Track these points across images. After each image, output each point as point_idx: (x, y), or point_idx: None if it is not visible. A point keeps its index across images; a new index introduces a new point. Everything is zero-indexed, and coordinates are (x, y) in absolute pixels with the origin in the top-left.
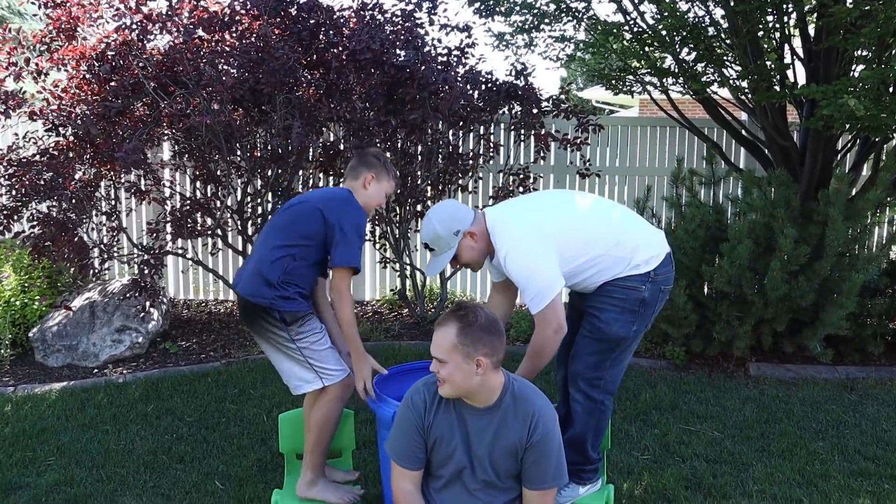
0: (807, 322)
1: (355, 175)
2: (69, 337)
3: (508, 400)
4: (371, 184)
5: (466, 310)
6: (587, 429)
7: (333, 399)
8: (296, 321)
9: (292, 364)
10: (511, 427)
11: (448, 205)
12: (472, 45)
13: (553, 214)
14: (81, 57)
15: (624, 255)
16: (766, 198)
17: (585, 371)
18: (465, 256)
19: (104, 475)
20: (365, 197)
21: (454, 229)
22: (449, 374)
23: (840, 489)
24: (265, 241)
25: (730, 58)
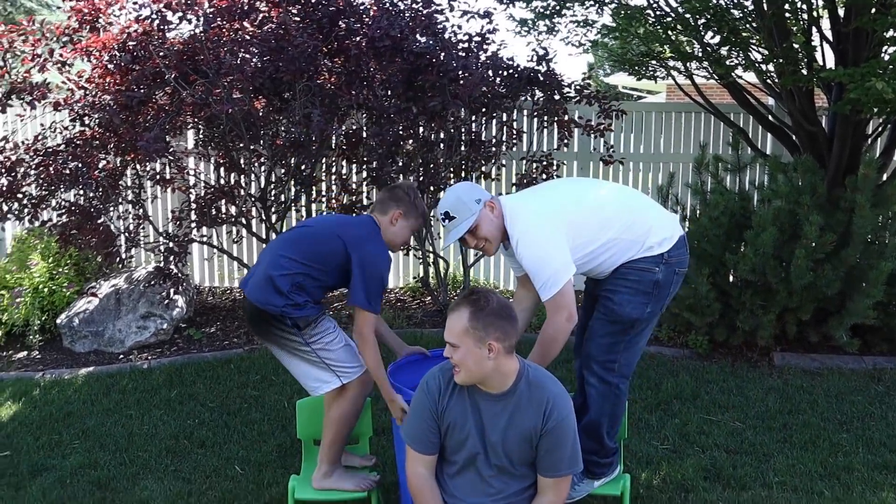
0: (833, 311)
1: (384, 209)
2: (96, 323)
3: (523, 386)
4: (399, 220)
5: (479, 294)
6: (602, 414)
7: (353, 396)
8: (308, 325)
9: (309, 366)
10: (525, 413)
11: (468, 182)
12: (493, 30)
13: (565, 201)
14: (104, 47)
15: (637, 238)
16: (791, 184)
17: (599, 354)
18: (484, 228)
19: (127, 458)
20: (391, 234)
21: (476, 197)
22: (461, 358)
23: (863, 482)
24: (275, 251)
25: (755, 41)
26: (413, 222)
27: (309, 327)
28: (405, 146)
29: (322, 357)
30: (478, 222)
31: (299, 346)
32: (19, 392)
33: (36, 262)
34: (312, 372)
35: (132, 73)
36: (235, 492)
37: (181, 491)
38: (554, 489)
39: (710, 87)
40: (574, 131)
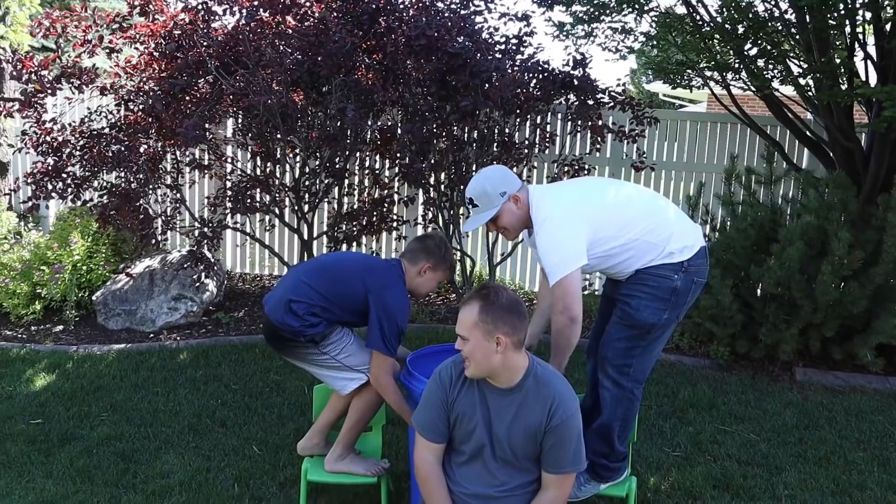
0: (858, 329)
1: (413, 260)
2: (129, 302)
3: (531, 383)
4: (426, 273)
5: (489, 289)
6: (615, 417)
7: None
8: (324, 338)
9: (331, 371)
10: (531, 409)
11: (499, 168)
12: (530, 33)
13: (591, 195)
14: (151, 34)
15: (657, 242)
16: (822, 200)
17: (615, 358)
18: (505, 219)
19: (151, 433)
20: (417, 284)
21: (501, 190)
22: (470, 350)
23: (875, 501)
24: (298, 275)
25: (794, 53)
26: (441, 275)
27: (324, 339)
28: (437, 144)
29: (342, 362)
30: (499, 214)
31: (318, 357)
32: (54, 364)
33: (76, 241)
34: (337, 375)
35: (176, 61)
36: (252, 471)
37: (200, 467)
38: (557, 485)
39: (748, 98)
40: (607, 137)
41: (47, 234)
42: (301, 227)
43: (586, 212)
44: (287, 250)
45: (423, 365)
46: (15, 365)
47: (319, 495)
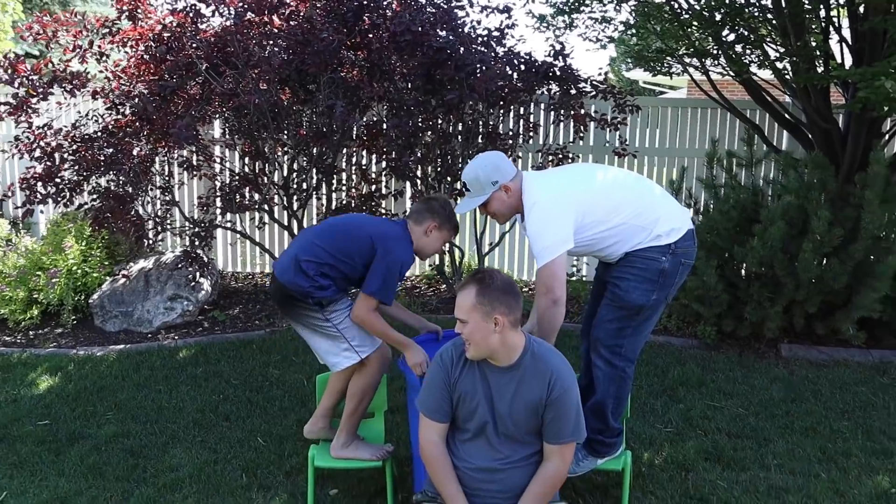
0: (840, 305)
1: (419, 220)
2: (125, 304)
3: (528, 360)
4: (433, 232)
5: (484, 273)
6: (608, 395)
7: (373, 370)
8: (331, 303)
9: (330, 342)
10: (531, 385)
11: (496, 156)
12: (511, 25)
13: (580, 181)
14: (140, 38)
15: (645, 225)
16: (801, 180)
17: (607, 338)
18: (493, 206)
19: (157, 429)
20: (423, 243)
21: (493, 179)
22: (470, 332)
23: (860, 466)
24: (309, 237)
25: (770, 38)
26: (446, 234)
27: (331, 305)
28: (424, 137)
29: (341, 331)
30: (489, 200)
31: (321, 322)
32: (55, 367)
33: (70, 245)
34: (333, 348)
35: (166, 63)
36: (258, 461)
37: (208, 459)
38: (559, 455)
39: (728, 83)
40: (589, 125)
41: (39, 240)
42: (291, 224)
43: (575, 197)
44: (278, 247)
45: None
46: (17, 369)
47: (326, 481)
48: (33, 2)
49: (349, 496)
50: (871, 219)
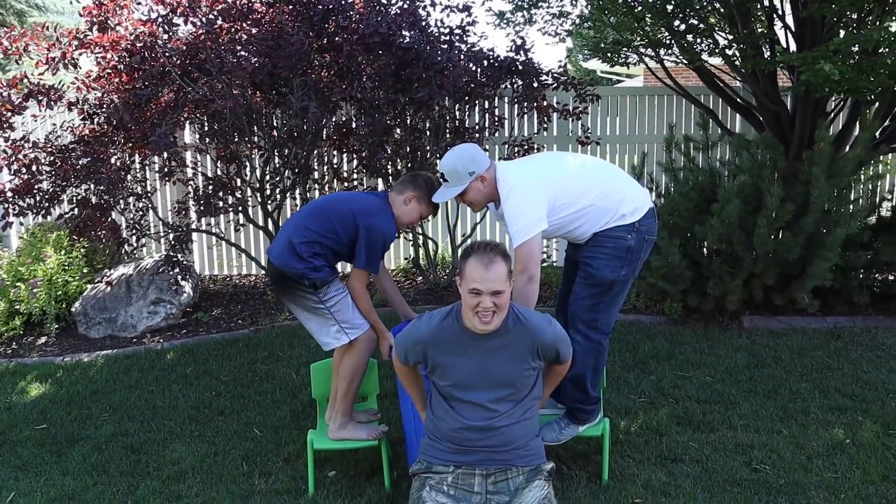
0: (795, 276)
1: (401, 190)
2: (108, 310)
3: (512, 322)
4: (411, 202)
5: (493, 244)
6: (587, 367)
7: (360, 351)
8: (324, 285)
9: (322, 322)
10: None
11: (472, 148)
12: (472, 23)
13: (553, 167)
14: (113, 47)
15: (611, 206)
16: (754, 160)
17: (583, 314)
18: (470, 196)
19: (154, 426)
20: (401, 211)
21: (470, 170)
22: (506, 299)
23: (817, 422)
24: (300, 220)
25: (720, 26)
26: (424, 208)
27: (324, 287)
28: (394, 135)
29: (333, 313)
30: (465, 190)
31: (314, 304)
32: (44, 374)
33: (49, 255)
34: (324, 329)
35: (139, 72)
36: (257, 451)
37: (208, 451)
38: (564, 365)
39: (682, 70)
40: (552, 116)
41: (14, 252)
42: (267, 224)
43: (547, 181)
44: (254, 248)
45: None
46: (5, 378)
47: (324, 464)
48: None
49: (347, 477)
50: (819, 193)
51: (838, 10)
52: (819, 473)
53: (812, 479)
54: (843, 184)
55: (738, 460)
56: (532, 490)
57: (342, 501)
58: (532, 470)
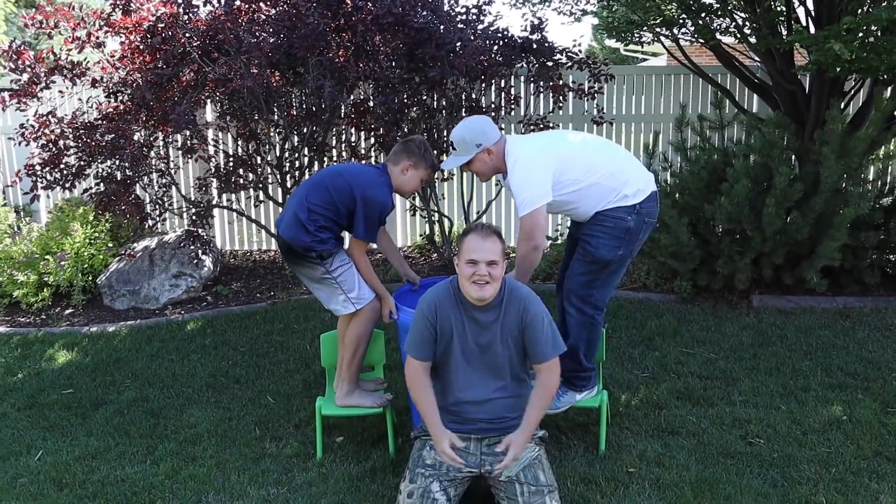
0: (805, 255)
1: (396, 160)
2: (132, 283)
3: (506, 295)
4: (409, 171)
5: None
6: (580, 339)
7: (364, 320)
8: (331, 256)
9: (330, 292)
10: (510, 316)
11: (483, 120)
12: (488, 2)
13: (559, 143)
14: (136, 28)
15: (615, 186)
16: (764, 140)
17: (578, 288)
18: (476, 166)
19: (173, 393)
20: (401, 182)
21: (477, 142)
22: (500, 272)
23: (816, 399)
24: (302, 194)
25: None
26: (422, 172)
27: (331, 258)
28: (409, 113)
29: (339, 283)
30: (472, 160)
31: (322, 275)
32: (70, 343)
33: (76, 229)
34: (332, 297)
35: (161, 52)
36: (269, 416)
37: (223, 416)
38: (547, 369)
39: (700, 49)
40: (568, 95)
41: (43, 226)
42: (286, 200)
43: (554, 154)
44: (273, 224)
45: (409, 298)
46: (35, 346)
47: (332, 430)
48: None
49: (354, 442)
50: (829, 173)
51: None
52: (813, 448)
53: (805, 454)
54: (854, 164)
55: (734, 434)
56: (524, 451)
57: (348, 465)
58: None
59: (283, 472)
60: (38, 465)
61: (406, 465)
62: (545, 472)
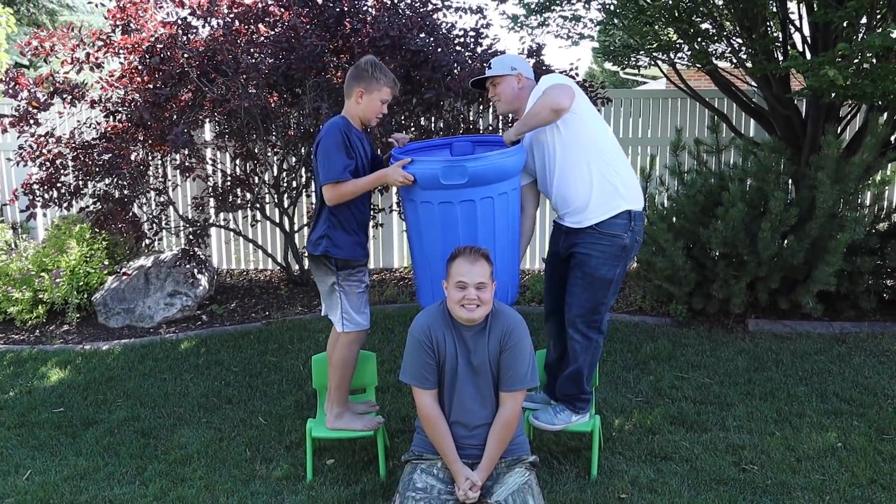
0: (801, 280)
1: (349, 92)
2: (127, 301)
3: (491, 318)
4: (363, 98)
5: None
6: (585, 364)
7: (348, 342)
8: (346, 267)
9: (333, 304)
10: (494, 338)
11: (521, 58)
12: (486, 25)
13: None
14: (134, 49)
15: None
16: (760, 164)
17: (585, 313)
18: (501, 87)
19: (165, 413)
20: (360, 111)
21: (513, 65)
22: (490, 294)
23: (811, 425)
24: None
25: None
26: (378, 94)
27: (345, 270)
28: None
29: (341, 302)
30: (500, 80)
31: (333, 283)
32: (64, 361)
33: (72, 247)
34: (333, 308)
35: (159, 73)
36: (260, 438)
37: (213, 437)
38: (512, 400)
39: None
40: None
41: (40, 243)
42: (283, 221)
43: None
44: (270, 244)
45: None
46: (28, 364)
47: (323, 452)
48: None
49: (344, 465)
50: (825, 198)
51: (841, 16)
52: (807, 475)
53: (799, 481)
54: (849, 189)
55: (728, 460)
56: (513, 476)
57: (338, 488)
58: (514, 459)
59: (273, 494)
60: (25, 485)
61: (396, 488)
62: (535, 497)
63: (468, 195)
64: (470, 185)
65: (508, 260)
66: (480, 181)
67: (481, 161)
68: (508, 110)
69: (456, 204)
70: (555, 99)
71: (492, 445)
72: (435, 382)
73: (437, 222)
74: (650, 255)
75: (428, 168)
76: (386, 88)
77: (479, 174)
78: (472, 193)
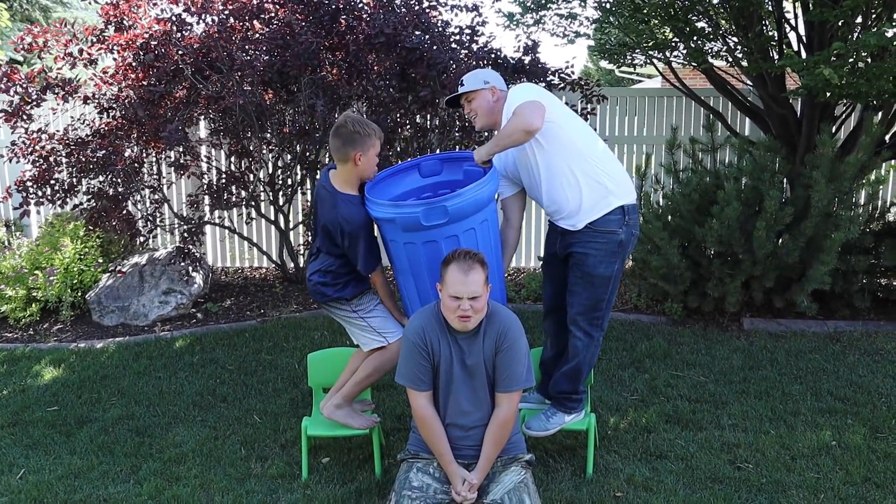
0: (796, 279)
1: (344, 157)
2: (122, 299)
3: (486, 320)
4: (360, 159)
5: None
6: (585, 362)
7: (392, 353)
8: (355, 298)
9: (360, 330)
10: (489, 337)
11: (495, 73)
12: (482, 23)
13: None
14: (129, 45)
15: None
16: (755, 163)
17: (587, 311)
18: (477, 102)
19: (159, 411)
20: (359, 172)
21: (486, 79)
22: (483, 303)
23: (806, 424)
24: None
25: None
26: (373, 150)
27: (356, 299)
28: (402, 132)
29: (369, 323)
30: (474, 95)
31: (349, 315)
32: (57, 359)
33: (66, 244)
34: (361, 333)
35: (154, 69)
36: (255, 436)
37: (208, 436)
38: (508, 401)
39: (693, 72)
40: None
41: (34, 241)
42: (278, 219)
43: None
44: (266, 241)
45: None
46: (21, 362)
47: (319, 451)
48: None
49: (340, 463)
50: (819, 197)
51: (837, 15)
52: (801, 473)
53: (794, 479)
54: (844, 188)
55: (723, 458)
56: (509, 474)
57: (334, 487)
58: (510, 458)
59: (268, 492)
60: (19, 484)
61: (392, 487)
62: (531, 496)
63: (451, 231)
64: (451, 222)
65: (495, 276)
66: (461, 217)
67: (459, 198)
68: (486, 124)
69: (440, 241)
70: (527, 120)
71: (488, 446)
72: (430, 384)
73: (422, 261)
74: (645, 254)
75: (409, 212)
76: (378, 141)
77: (458, 211)
78: (454, 229)
